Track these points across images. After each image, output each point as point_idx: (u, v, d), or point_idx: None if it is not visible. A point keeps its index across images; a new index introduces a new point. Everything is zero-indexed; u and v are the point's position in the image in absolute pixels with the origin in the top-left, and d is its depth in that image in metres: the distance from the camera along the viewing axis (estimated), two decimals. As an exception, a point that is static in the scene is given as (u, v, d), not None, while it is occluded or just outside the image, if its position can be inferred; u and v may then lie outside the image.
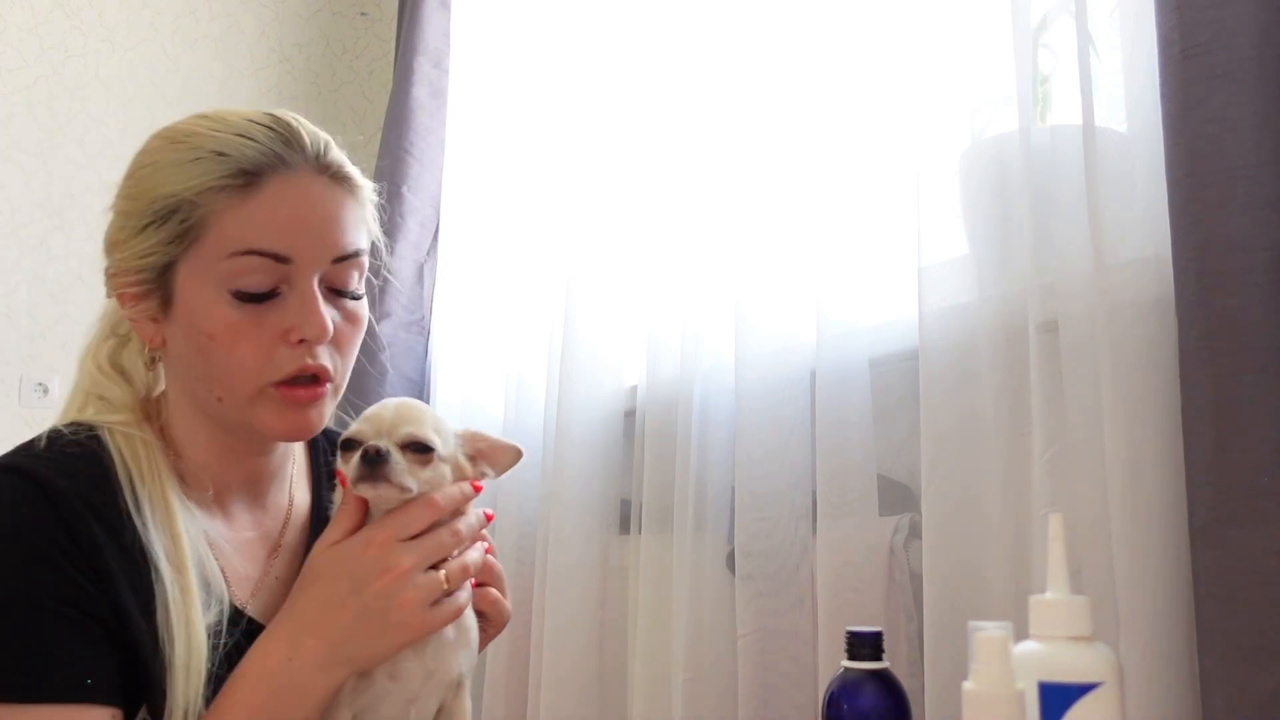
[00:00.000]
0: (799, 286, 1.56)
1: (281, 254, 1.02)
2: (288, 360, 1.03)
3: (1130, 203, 1.21)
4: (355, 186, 1.09)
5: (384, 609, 0.98)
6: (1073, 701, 0.69)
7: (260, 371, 1.03)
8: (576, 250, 1.92)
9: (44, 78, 2.57)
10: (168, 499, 1.03)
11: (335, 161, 1.08)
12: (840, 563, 1.40)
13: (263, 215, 1.02)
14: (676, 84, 1.79)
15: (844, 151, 1.54)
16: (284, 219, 1.03)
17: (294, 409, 1.05)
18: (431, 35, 2.39)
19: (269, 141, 1.04)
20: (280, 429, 1.07)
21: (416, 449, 1.00)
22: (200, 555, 1.03)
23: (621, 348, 1.88)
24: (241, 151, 1.03)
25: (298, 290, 1.03)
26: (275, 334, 1.03)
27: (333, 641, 0.97)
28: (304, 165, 1.05)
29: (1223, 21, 1.05)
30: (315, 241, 1.04)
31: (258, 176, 1.02)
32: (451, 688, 1.06)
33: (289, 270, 1.03)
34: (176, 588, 0.99)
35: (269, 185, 1.03)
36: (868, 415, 1.45)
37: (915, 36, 1.43)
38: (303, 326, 1.03)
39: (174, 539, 1.01)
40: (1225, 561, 1.01)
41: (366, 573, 0.98)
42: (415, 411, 1.03)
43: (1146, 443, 1.12)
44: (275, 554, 1.14)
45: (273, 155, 1.03)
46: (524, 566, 1.92)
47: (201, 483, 1.09)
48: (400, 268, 2.29)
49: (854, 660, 0.91)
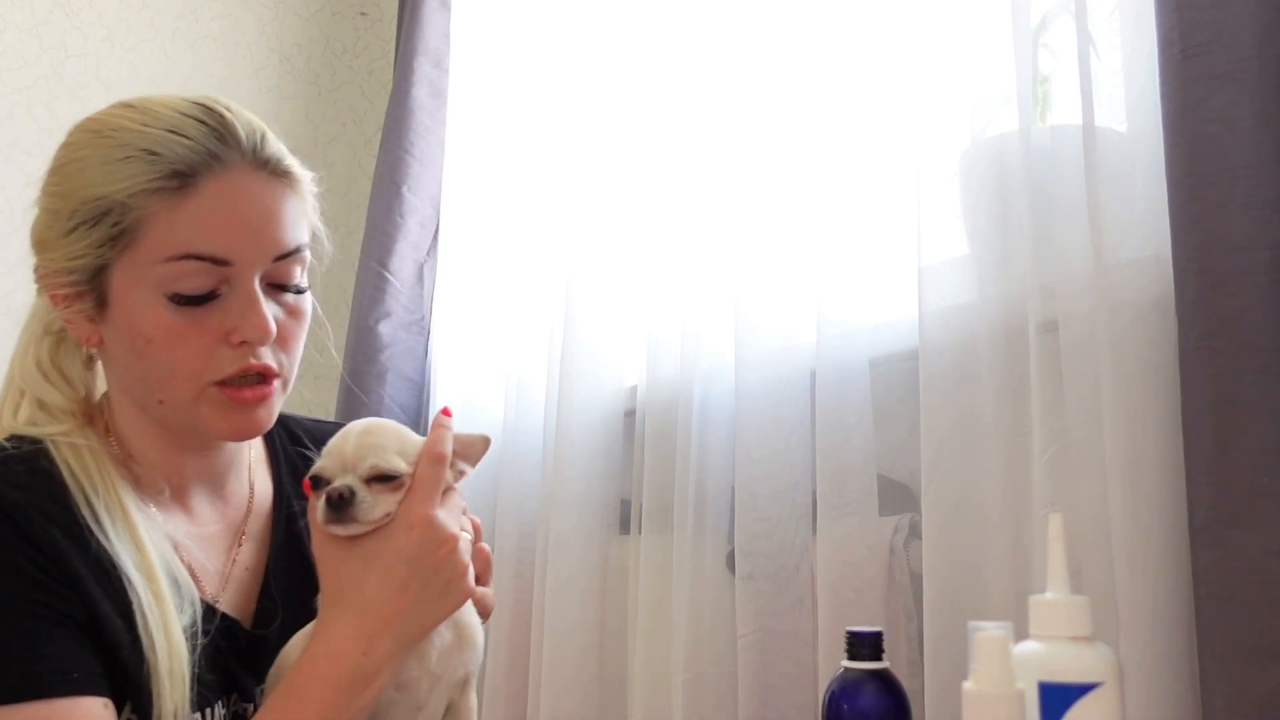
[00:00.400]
0: (799, 286, 1.56)
1: (221, 257, 0.99)
2: (229, 361, 1.01)
3: (1130, 203, 1.21)
4: (294, 179, 1.06)
5: (444, 582, 0.99)
6: (1073, 701, 0.69)
7: (201, 373, 1.01)
8: (576, 250, 1.92)
9: (44, 78, 2.57)
10: (125, 508, 1.01)
11: (273, 155, 1.04)
12: (840, 563, 1.40)
13: (200, 218, 0.99)
14: (677, 84, 1.79)
15: (844, 151, 1.54)
16: (222, 221, 1.00)
17: (240, 409, 1.03)
18: (431, 35, 2.39)
19: (202, 138, 1.01)
20: (226, 429, 1.05)
21: (382, 479, 0.98)
22: (167, 559, 1.02)
23: (621, 348, 1.88)
24: (174, 150, 0.99)
25: (239, 291, 1.01)
26: (216, 336, 1.01)
27: (402, 627, 0.98)
28: (240, 161, 1.02)
29: (1223, 21, 1.05)
30: (255, 241, 1.01)
31: (193, 177, 0.99)
32: (458, 687, 1.06)
33: (229, 271, 1.00)
34: (149, 594, 0.98)
35: (205, 185, 0.99)
36: (868, 415, 1.45)
37: (915, 36, 1.43)
38: (244, 328, 1.01)
39: (138, 547, 1.00)
40: (1225, 561, 1.01)
41: (419, 553, 0.97)
42: (376, 438, 1.00)
43: (1146, 443, 1.12)
44: (239, 544, 1.12)
45: (207, 153, 1.00)
46: (524, 567, 1.92)
47: (157, 483, 1.07)
48: (400, 268, 2.29)
49: (854, 660, 0.91)
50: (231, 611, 1.08)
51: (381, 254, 2.29)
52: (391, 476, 0.98)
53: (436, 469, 1.00)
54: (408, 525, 0.98)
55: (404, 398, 2.26)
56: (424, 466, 1.00)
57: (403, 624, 0.97)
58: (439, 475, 1.01)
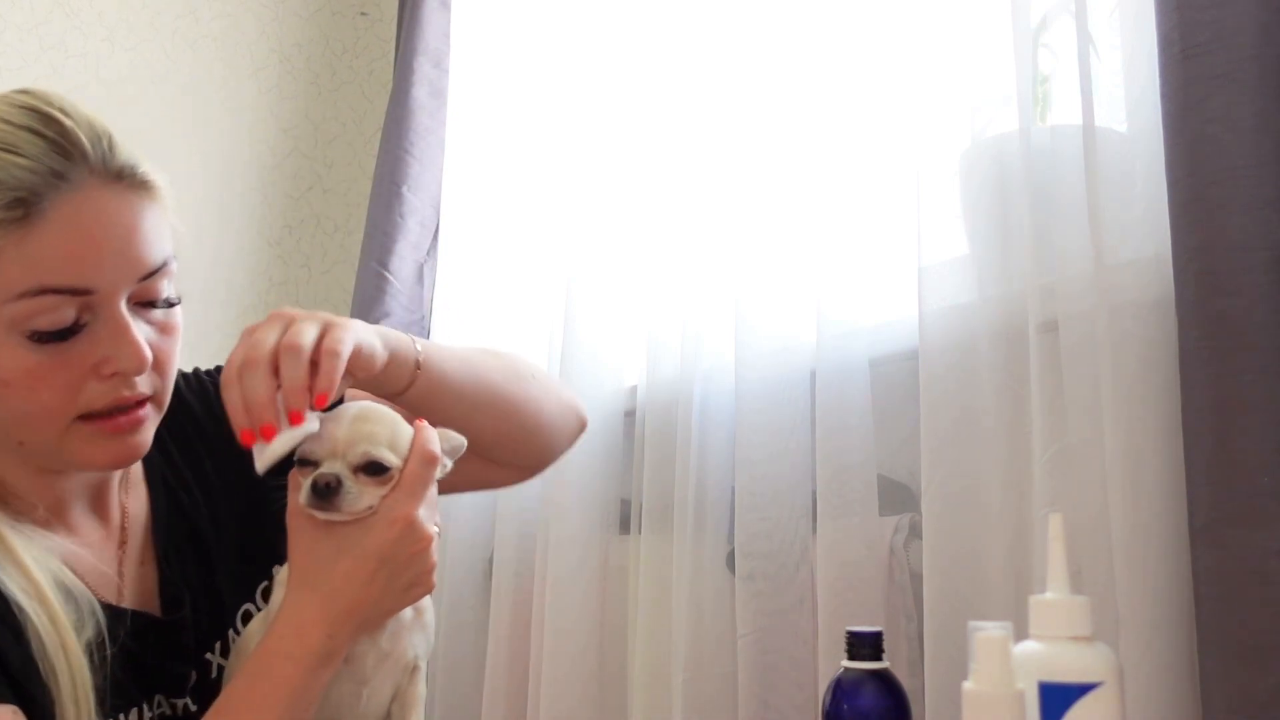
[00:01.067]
0: (799, 286, 1.56)
1: (80, 287, 0.91)
2: (100, 395, 0.94)
3: (1130, 203, 1.21)
4: (151, 188, 0.97)
5: (411, 578, 0.97)
6: (1073, 701, 0.69)
7: (65, 410, 0.94)
8: (576, 250, 1.92)
9: (44, 78, 2.57)
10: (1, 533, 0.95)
11: (125, 163, 0.94)
12: (840, 563, 1.40)
13: (50, 248, 0.90)
14: (677, 84, 1.79)
15: (844, 151, 1.54)
16: (76, 248, 0.91)
17: (114, 439, 0.96)
18: (431, 35, 2.39)
19: (42, 155, 0.90)
20: (102, 461, 0.99)
21: (371, 469, 0.96)
22: (55, 574, 0.96)
23: (621, 348, 1.88)
24: (10, 173, 0.89)
25: (105, 319, 0.93)
26: (83, 370, 0.93)
27: (366, 613, 0.96)
28: (89, 177, 0.92)
29: (1223, 21, 1.05)
30: (116, 265, 0.93)
31: (37, 202, 0.89)
32: (407, 672, 1.04)
33: (91, 300, 0.92)
34: (44, 618, 0.92)
35: (51, 210, 0.89)
36: (868, 415, 1.45)
37: (915, 36, 1.43)
38: (117, 359, 0.93)
39: (21, 570, 0.94)
40: (1225, 561, 1.01)
41: (395, 550, 0.95)
42: (371, 426, 0.97)
43: (1146, 443, 1.12)
44: (124, 544, 1.08)
45: (49, 173, 0.90)
46: (524, 566, 1.92)
47: (29, 503, 1.00)
48: (400, 268, 2.29)
49: (854, 660, 0.90)
50: (140, 607, 1.04)
51: (381, 254, 2.29)
52: (381, 469, 0.96)
53: (427, 469, 0.98)
54: (389, 522, 0.95)
55: (404, 398, 2.26)
56: (414, 465, 0.97)
57: (365, 612, 0.96)
58: (428, 476, 0.98)
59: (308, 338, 0.92)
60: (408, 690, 1.05)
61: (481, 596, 2.05)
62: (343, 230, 2.70)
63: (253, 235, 2.59)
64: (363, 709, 1.03)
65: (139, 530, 1.10)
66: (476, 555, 2.08)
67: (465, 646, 2.05)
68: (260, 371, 0.91)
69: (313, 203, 2.68)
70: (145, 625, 1.04)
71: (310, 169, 2.69)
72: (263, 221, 2.61)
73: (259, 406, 0.90)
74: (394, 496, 0.96)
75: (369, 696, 1.02)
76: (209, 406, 1.16)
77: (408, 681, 1.05)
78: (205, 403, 1.17)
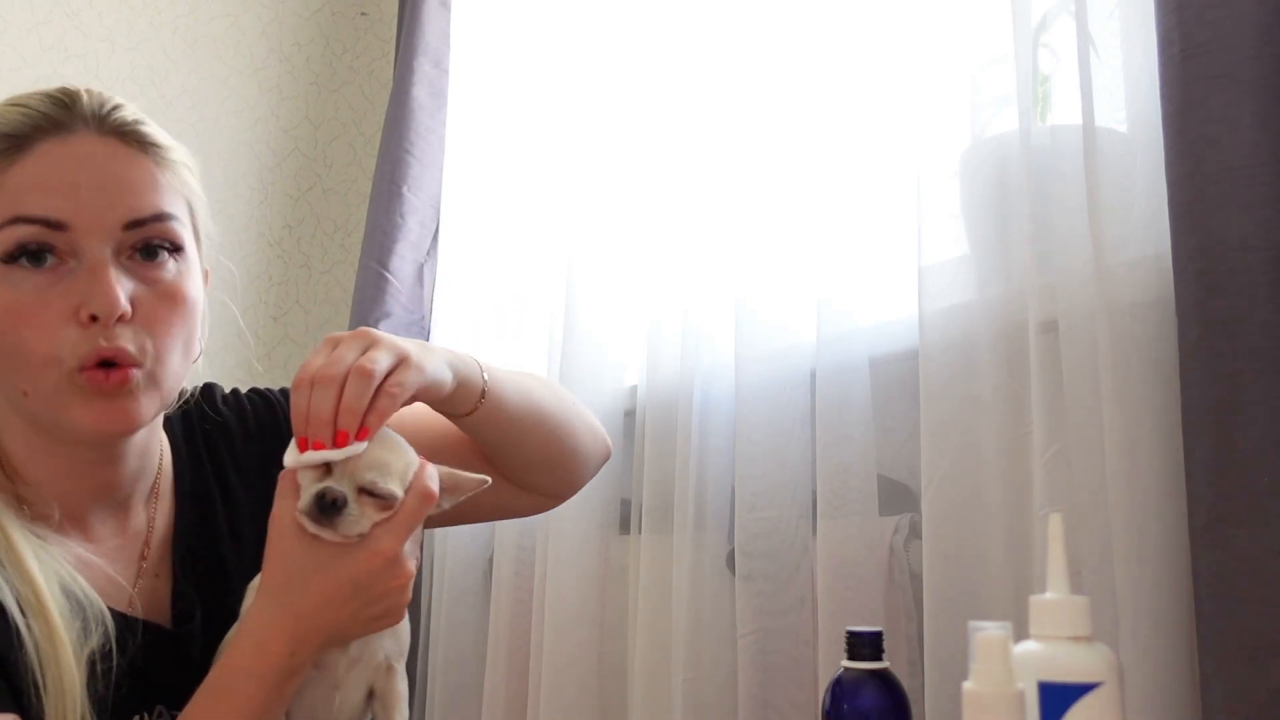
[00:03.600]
0: (799, 286, 1.56)
1: (53, 219, 0.93)
2: (79, 341, 0.93)
3: (1130, 203, 1.21)
4: (153, 147, 0.99)
5: (382, 609, 0.97)
6: (1073, 701, 0.69)
7: (54, 356, 0.93)
8: (576, 250, 1.92)
9: (44, 78, 2.56)
10: (8, 535, 0.95)
11: (123, 119, 0.97)
12: (840, 563, 1.40)
13: (29, 179, 0.93)
14: (676, 85, 1.79)
15: (844, 151, 1.54)
16: (53, 181, 0.94)
17: (101, 399, 0.95)
18: (431, 35, 2.39)
19: (40, 105, 0.96)
20: (88, 423, 0.96)
21: (375, 495, 0.95)
22: (66, 583, 0.96)
23: (621, 347, 1.88)
24: (10, 119, 0.95)
25: (85, 262, 0.94)
26: (64, 313, 0.93)
27: (330, 634, 0.96)
28: (82, 127, 0.96)
29: (1223, 21, 1.05)
30: (94, 203, 0.94)
31: (25, 140, 0.94)
32: (380, 671, 1.04)
33: (70, 238, 0.93)
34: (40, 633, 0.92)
35: (38, 149, 0.94)
36: (868, 415, 1.45)
37: (915, 37, 1.43)
38: (89, 301, 0.93)
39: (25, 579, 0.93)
40: (1225, 561, 1.01)
41: (373, 581, 0.95)
42: (387, 454, 0.96)
43: (1146, 443, 1.12)
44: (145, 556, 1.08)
45: (42, 118, 0.95)
46: (524, 566, 1.92)
47: (45, 504, 1.00)
48: (400, 268, 2.29)
49: (854, 660, 0.91)
50: (151, 618, 1.04)
51: (381, 254, 2.29)
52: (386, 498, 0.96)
53: (422, 506, 0.97)
54: (372, 553, 0.94)
55: (404, 398, 2.26)
56: (412, 500, 0.96)
57: (331, 632, 0.96)
58: (421, 513, 0.97)
59: (381, 366, 0.94)
60: (387, 690, 1.04)
61: (481, 596, 2.05)
62: (343, 230, 2.70)
63: (253, 235, 2.59)
64: (336, 711, 1.02)
65: (161, 542, 1.10)
66: (476, 555, 2.08)
67: (465, 646, 2.05)
68: (330, 389, 0.93)
69: (313, 203, 2.68)
70: (155, 636, 1.04)
71: (310, 169, 2.69)
72: (263, 221, 2.61)
73: (319, 423, 0.93)
74: (384, 528, 0.95)
75: (341, 700, 1.02)
76: (244, 425, 1.18)
77: (385, 681, 1.04)
78: (241, 421, 1.18)
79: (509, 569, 1.93)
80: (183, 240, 1.00)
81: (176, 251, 1.00)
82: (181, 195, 1.01)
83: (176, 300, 0.99)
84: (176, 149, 1.01)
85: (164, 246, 0.99)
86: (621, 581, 1.76)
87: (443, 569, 2.10)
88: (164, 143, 1.00)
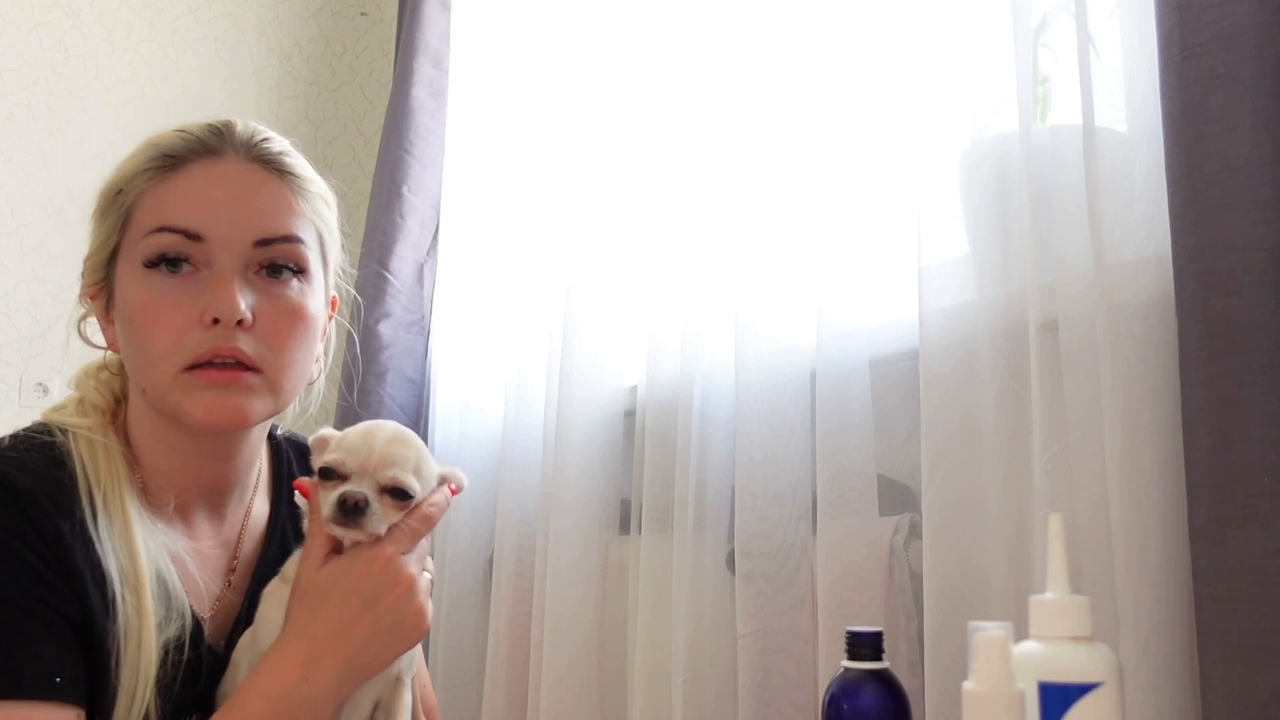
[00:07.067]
0: (799, 287, 1.56)
1: (192, 230, 1.01)
2: (199, 342, 1.00)
3: (1130, 203, 1.21)
4: (292, 176, 1.07)
5: (397, 620, 0.99)
6: (1073, 701, 0.69)
7: (173, 354, 1.00)
8: (577, 250, 1.92)
9: (44, 78, 2.57)
10: (126, 511, 1.01)
11: (269, 150, 1.07)
12: (840, 563, 1.40)
13: (177, 194, 1.03)
14: (677, 84, 1.79)
15: (844, 152, 1.54)
16: (197, 197, 1.03)
17: (212, 391, 1.00)
18: (431, 35, 2.39)
19: (199, 131, 1.06)
20: (200, 414, 1.01)
21: (397, 494, 0.98)
22: (161, 570, 1.01)
23: (621, 348, 1.88)
24: (170, 141, 1.05)
25: (215, 271, 1.02)
26: (190, 316, 1.00)
27: (348, 659, 0.97)
28: (231, 152, 1.05)
29: (1223, 21, 1.05)
30: (228, 218, 1.02)
31: (180, 160, 1.04)
32: (388, 683, 1.05)
33: (205, 249, 1.02)
34: (130, 606, 0.97)
35: (190, 168, 1.04)
36: (868, 415, 1.45)
37: (915, 37, 1.43)
38: (213, 305, 1.00)
39: (130, 554, 0.99)
40: (1225, 561, 1.01)
41: (378, 590, 0.98)
42: (402, 450, 0.99)
43: (1146, 442, 1.12)
44: (234, 567, 1.12)
45: (198, 142, 1.05)
46: (524, 566, 1.92)
47: (163, 492, 1.06)
48: (400, 268, 2.29)
49: (854, 660, 0.91)
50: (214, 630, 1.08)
51: (381, 254, 2.29)
52: (405, 495, 0.98)
53: (425, 526, 1.02)
54: (368, 560, 0.98)
55: (404, 398, 2.26)
56: (416, 520, 1.01)
57: (350, 656, 0.97)
58: (421, 533, 1.01)
59: None
60: (393, 700, 1.05)
61: (481, 596, 2.05)
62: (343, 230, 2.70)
63: (253, 235, 2.59)
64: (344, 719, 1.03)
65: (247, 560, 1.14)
66: (476, 555, 2.08)
67: (465, 646, 2.05)
68: None
69: (313, 203, 2.68)
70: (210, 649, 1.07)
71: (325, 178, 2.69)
72: (263, 221, 2.61)
73: None
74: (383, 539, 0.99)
75: (349, 711, 1.03)
76: None
77: (390, 692, 1.06)
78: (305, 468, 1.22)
79: (509, 569, 1.93)
80: (308, 263, 1.07)
81: (301, 273, 1.07)
82: (313, 223, 1.08)
83: (296, 316, 1.05)
84: (316, 182, 1.10)
85: (289, 266, 1.06)
86: (621, 581, 1.77)
87: (443, 569, 2.10)
88: (304, 174, 1.08)
